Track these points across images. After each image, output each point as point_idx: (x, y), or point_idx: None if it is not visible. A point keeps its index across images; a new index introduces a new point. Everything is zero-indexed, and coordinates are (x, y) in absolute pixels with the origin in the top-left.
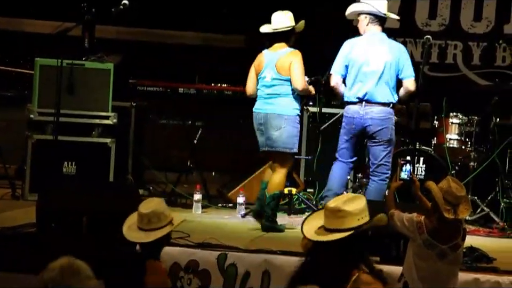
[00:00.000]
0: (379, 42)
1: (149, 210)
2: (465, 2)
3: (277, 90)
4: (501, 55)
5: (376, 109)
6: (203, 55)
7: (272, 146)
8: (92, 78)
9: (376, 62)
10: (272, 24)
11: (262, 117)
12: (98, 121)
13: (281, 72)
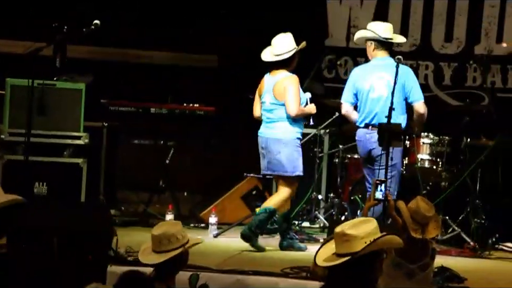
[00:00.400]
0: (384, 67)
1: (159, 232)
2: (436, 23)
3: (275, 114)
4: (471, 76)
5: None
6: (175, 75)
7: (274, 170)
8: (63, 98)
9: (380, 88)
10: (274, 49)
11: (263, 141)
12: (70, 141)
13: (277, 97)
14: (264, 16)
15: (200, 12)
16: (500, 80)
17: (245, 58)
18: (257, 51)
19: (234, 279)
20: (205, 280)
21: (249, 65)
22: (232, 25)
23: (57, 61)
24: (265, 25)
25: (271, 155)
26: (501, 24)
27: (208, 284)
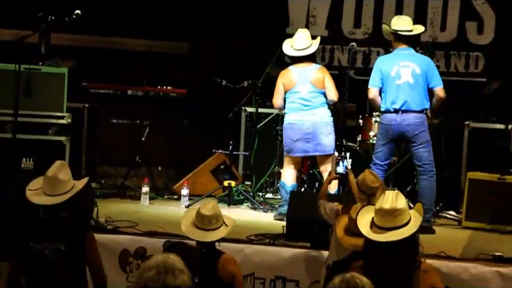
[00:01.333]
0: (407, 57)
1: (211, 212)
2: (385, 14)
3: (316, 101)
4: None
5: (412, 115)
6: (150, 61)
7: (324, 151)
8: (47, 81)
9: (405, 75)
10: (299, 44)
11: (310, 126)
12: (54, 121)
13: (317, 86)
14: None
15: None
16: (444, 65)
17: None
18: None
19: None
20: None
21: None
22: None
23: (42, 48)
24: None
25: (321, 137)
26: (444, 14)
27: None
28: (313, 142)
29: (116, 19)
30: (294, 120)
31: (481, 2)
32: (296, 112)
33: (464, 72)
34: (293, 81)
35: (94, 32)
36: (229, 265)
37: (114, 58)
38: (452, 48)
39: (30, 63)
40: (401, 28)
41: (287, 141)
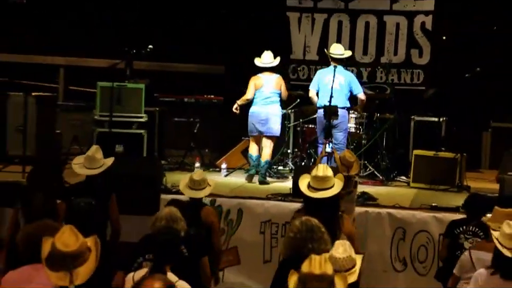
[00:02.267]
0: (337, 71)
1: (199, 178)
2: (357, 43)
3: (273, 99)
4: (379, 76)
5: (341, 111)
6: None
7: (271, 133)
8: (131, 93)
9: (334, 83)
10: (264, 60)
11: (265, 114)
12: (136, 120)
13: (276, 88)
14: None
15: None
16: (397, 78)
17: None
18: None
19: (237, 202)
20: (219, 203)
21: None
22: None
23: (127, 71)
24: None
25: (270, 123)
26: (396, 44)
27: (221, 204)
28: (266, 126)
29: (173, 50)
30: (255, 110)
31: (421, 35)
32: (257, 105)
33: (410, 83)
34: (260, 84)
35: (159, 60)
36: (209, 215)
37: (174, 77)
38: (402, 67)
39: (119, 81)
40: (334, 52)
41: (249, 125)
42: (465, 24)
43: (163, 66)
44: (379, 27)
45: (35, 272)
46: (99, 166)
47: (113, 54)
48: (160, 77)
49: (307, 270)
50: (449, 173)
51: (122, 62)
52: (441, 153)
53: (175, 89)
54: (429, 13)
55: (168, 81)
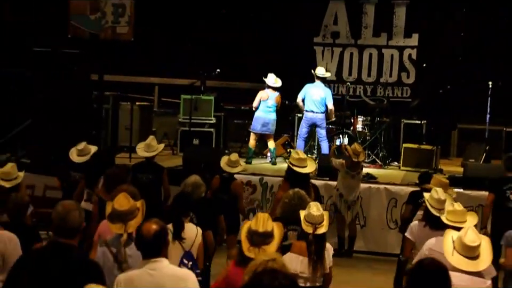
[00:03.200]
0: (319, 86)
1: (235, 158)
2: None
3: (273, 109)
4: (379, 91)
5: (320, 115)
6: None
7: (271, 132)
8: (204, 102)
9: (316, 94)
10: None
11: (268, 120)
12: (207, 122)
13: (276, 102)
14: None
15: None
16: (391, 93)
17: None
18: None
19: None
20: (265, 180)
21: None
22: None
23: (202, 87)
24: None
25: (270, 125)
26: (391, 68)
27: (267, 181)
28: (266, 127)
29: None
30: (259, 115)
31: (408, 63)
32: (262, 111)
33: (401, 96)
34: (266, 97)
35: (225, 79)
36: (236, 186)
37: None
38: (395, 85)
39: (196, 94)
40: (318, 72)
41: (254, 124)
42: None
43: (227, 84)
44: (379, 57)
45: None
46: (153, 150)
47: (192, 75)
48: (225, 91)
49: (253, 227)
50: (428, 160)
51: (198, 81)
52: (422, 146)
53: (235, 100)
54: (414, 47)
55: (230, 94)
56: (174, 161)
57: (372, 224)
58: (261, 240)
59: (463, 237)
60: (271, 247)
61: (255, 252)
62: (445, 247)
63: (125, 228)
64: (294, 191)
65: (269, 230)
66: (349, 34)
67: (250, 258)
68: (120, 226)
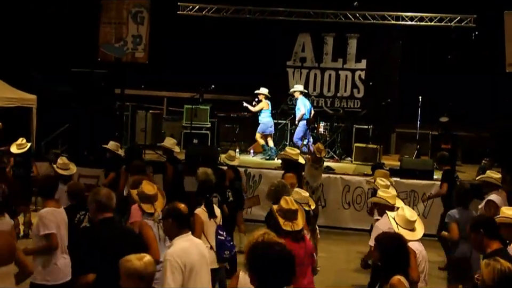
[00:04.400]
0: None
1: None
2: (325, 86)
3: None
4: (336, 103)
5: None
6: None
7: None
8: (202, 111)
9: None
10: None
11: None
12: (204, 126)
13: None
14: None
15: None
16: (346, 104)
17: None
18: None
19: (258, 171)
20: (249, 171)
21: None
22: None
23: (200, 99)
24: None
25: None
26: (346, 84)
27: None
28: (272, 128)
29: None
30: (269, 120)
31: (359, 82)
32: (268, 117)
33: (353, 107)
34: (267, 106)
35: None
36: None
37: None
38: (349, 99)
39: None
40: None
41: (264, 127)
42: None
43: (219, 96)
44: (336, 77)
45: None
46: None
47: (192, 89)
48: (218, 102)
49: (286, 206)
50: (373, 156)
51: (197, 94)
52: (369, 145)
53: (226, 109)
54: (363, 69)
55: (222, 104)
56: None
57: (330, 205)
58: (293, 216)
59: (404, 214)
60: (299, 220)
61: (289, 225)
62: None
63: (153, 207)
64: (279, 181)
65: (297, 208)
66: (314, 59)
67: (287, 230)
68: (150, 206)
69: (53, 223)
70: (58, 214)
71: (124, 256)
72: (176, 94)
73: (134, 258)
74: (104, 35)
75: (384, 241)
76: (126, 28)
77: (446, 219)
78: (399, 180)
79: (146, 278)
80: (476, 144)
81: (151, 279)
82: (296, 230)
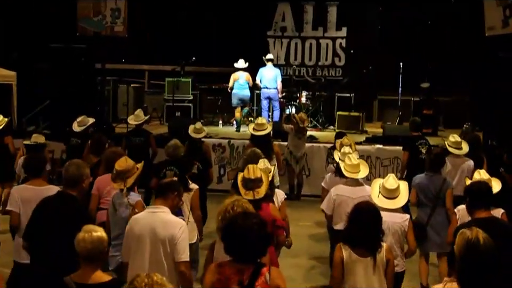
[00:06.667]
0: (271, 67)
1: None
2: (306, 55)
3: (244, 86)
4: (318, 72)
5: (273, 90)
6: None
7: (247, 102)
8: (184, 84)
9: (269, 74)
10: (240, 63)
11: (242, 95)
12: (186, 98)
13: (247, 80)
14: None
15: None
16: (327, 73)
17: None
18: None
19: (241, 142)
20: (232, 142)
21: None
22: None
23: (182, 71)
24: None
25: (244, 99)
26: (326, 54)
27: (233, 143)
28: (242, 100)
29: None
30: (235, 92)
31: (340, 50)
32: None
33: (334, 75)
34: (237, 77)
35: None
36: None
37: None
38: (330, 67)
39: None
40: (267, 57)
41: (233, 100)
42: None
43: (200, 68)
44: (317, 46)
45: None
46: (140, 120)
47: (174, 62)
48: (199, 75)
49: (247, 176)
50: (356, 123)
51: (178, 67)
52: (352, 113)
53: (207, 81)
54: (344, 37)
55: (203, 76)
56: (161, 129)
57: (314, 174)
58: (254, 185)
59: (385, 183)
60: (262, 189)
61: (250, 194)
62: (372, 192)
63: (124, 183)
64: (251, 149)
65: (259, 176)
66: (294, 29)
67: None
68: (120, 182)
69: (15, 201)
70: (29, 192)
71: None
72: (157, 67)
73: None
74: (82, 9)
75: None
76: (104, 1)
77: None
78: (382, 147)
79: None
80: (458, 108)
81: None
82: (257, 199)
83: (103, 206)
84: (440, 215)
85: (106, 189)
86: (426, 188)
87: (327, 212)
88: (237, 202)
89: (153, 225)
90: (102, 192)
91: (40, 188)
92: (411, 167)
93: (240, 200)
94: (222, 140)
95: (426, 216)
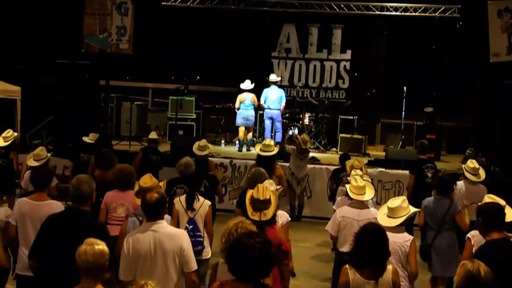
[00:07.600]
0: (275, 88)
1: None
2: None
3: (250, 107)
4: (322, 93)
5: (276, 111)
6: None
7: (251, 125)
8: (187, 102)
9: (273, 95)
10: (246, 84)
11: (247, 115)
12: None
13: (252, 101)
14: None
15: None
16: (331, 95)
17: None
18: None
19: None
20: (234, 162)
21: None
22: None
23: (185, 90)
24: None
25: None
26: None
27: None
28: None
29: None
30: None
31: (344, 72)
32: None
33: (338, 98)
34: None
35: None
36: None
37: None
38: (334, 89)
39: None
40: (271, 78)
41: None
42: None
43: (204, 88)
44: (321, 68)
45: (122, 193)
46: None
47: (178, 81)
48: (203, 94)
49: (255, 196)
50: (358, 146)
51: (182, 85)
52: (354, 135)
53: (211, 100)
54: (348, 60)
55: (207, 95)
56: (164, 148)
57: (316, 195)
58: (262, 206)
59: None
60: (269, 211)
61: (257, 215)
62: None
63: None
64: (256, 169)
65: (268, 198)
66: (298, 50)
67: (254, 220)
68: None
69: (13, 213)
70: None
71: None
72: (161, 85)
73: None
74: (88, 26)
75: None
76: (110, 19)
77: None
78: (384, 170)
79: None
80: (460, 134)
81: None
82: (263, 220)
83: (109, 221)
84: (444, 238)
85: (113, 205)
86: (433, 211)
87: (331, 233)
88: (241, 224)
89: (159, 239)
90: (109, 207)
91: (37, 203)
92: (416, 190)
93: (244, 222)
94: (224, 159)
95: (431, 239)
